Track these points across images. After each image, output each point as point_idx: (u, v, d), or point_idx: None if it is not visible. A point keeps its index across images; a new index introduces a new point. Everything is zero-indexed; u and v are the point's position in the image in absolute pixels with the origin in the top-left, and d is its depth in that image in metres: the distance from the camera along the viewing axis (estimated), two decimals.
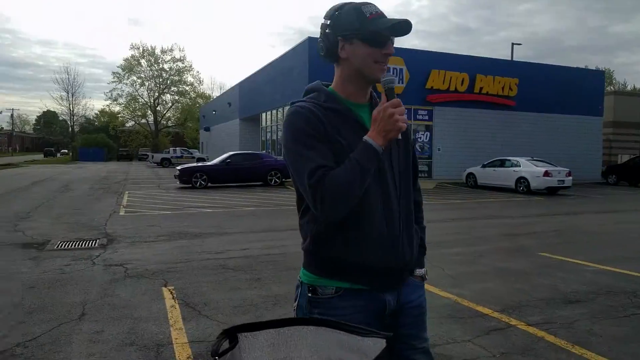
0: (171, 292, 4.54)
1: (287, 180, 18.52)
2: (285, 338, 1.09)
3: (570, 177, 16.56)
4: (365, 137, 1.35)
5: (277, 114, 25.43)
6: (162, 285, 4.77)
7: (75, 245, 6.76)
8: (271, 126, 26.89)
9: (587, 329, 3.70)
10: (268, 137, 27.69)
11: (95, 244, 6.86)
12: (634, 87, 58.03)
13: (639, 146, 27.10)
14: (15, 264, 5.66)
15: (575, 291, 4.71)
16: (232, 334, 1.05)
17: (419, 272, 1.62)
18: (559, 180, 16.19)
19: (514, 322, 3.82)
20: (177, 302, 4.27)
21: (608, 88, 47.79)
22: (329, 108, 1.44)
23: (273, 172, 17.81)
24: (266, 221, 9.40)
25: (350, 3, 1.46)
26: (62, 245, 6.78)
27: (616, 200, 15.05)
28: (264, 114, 28.04)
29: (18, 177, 22.18)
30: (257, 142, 30.85)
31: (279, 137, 25.45)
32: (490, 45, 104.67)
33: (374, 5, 1.45)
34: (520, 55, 60.16)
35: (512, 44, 29.58)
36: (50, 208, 10.94)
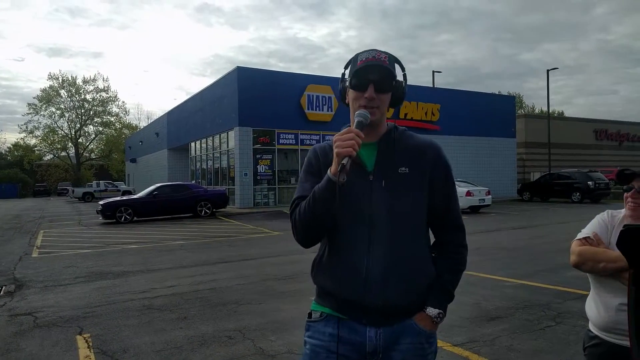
0: (86, 341, 4.19)
1: (218, 210, 18.10)
2: None
3: (490, 196, 17.63)
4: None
5: (207, 142, 24.97)
6: (77, 334, 4.40)
7: None
8: (201, 155, 26.32)
9: (507, 344, 3.86)
10: (198, 166, 27.04)
11: (0, 292, 6.22)
12: (541, 110, 63.53)
13: (548, 164, 29.55)
14: None
15: (496, 307, 4.93)
16: None
17: (430, 311, 1.49)
18: (479, 199, 17.16)
19: (439, 343, 3.90)
20: (92, 351, 3.95)
21: (519, 111, 51.99)
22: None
23: (203, 203, 17.33)
24: (196, 255, 9.06)
25: (362, 52, 1.52)
26: None
27: (530, 216, 16.16)
28: (193, 143, 27.43)
29: None
30: (187, 172, 30.02)
31: (209, 166, 24.96)
32: (413, 72, 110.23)
33: (374, 51, 1.50)
34: (441, 82, 64.09)
35: (433, 71, 31.41)
36: None
